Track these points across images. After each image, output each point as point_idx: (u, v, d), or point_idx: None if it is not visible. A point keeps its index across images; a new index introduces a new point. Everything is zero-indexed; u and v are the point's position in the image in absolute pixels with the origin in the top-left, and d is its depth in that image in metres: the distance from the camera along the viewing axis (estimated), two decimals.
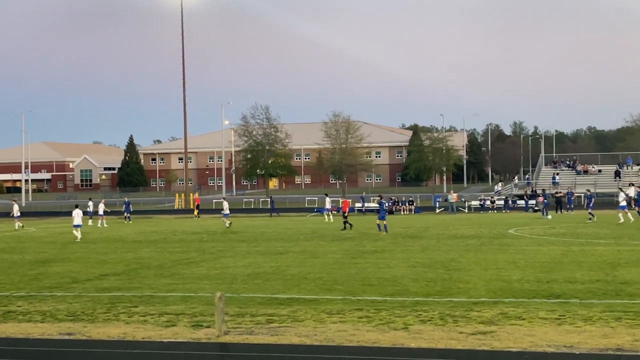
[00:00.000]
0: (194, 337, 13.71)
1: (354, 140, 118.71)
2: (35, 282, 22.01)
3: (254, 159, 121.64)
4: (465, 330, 13.68)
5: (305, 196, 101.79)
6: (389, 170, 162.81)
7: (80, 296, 18.98)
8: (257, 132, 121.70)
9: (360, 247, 31.75)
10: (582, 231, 38.76)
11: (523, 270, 22.32)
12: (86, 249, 33.77)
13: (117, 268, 25.51)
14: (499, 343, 12.61)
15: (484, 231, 40.64)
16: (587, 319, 14.46)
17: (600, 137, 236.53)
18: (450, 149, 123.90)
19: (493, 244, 32.22)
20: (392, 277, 21.27)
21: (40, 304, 17.82)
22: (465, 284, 19.60)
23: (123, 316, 15.92)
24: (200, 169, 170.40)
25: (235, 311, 15.98)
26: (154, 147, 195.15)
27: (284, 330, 14.10)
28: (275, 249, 31.61)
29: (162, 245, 35.53)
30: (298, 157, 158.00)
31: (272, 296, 18.26)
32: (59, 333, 14.34)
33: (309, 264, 25.33)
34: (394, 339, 13.08)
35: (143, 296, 18.73)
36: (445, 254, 28.06)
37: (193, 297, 18.42)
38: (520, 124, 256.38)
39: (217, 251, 31.35)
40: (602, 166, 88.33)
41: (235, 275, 22.75)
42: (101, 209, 57.89)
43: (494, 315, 14.98)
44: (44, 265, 26.85)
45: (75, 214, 40.96)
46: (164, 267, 25.42)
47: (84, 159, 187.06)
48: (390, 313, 15.51)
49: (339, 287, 19.67)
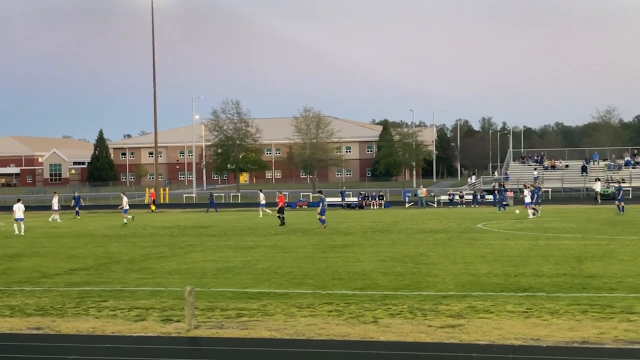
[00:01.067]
0: (164, 331, 13.70)
1: (324, 135, 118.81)
2: (3, 277, 21.84)
3: (225, 154, 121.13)
4: (433, 323, 13.80)
5: (275, 191, 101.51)
6: (359, 165, 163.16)
7: (49, 291, 18.88)
8: (227, 127, 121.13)
9: (331, 242, 31.84)
10: (549, 225, 39.14)
11: (491, 264, 22.53)
12: (55, 244, 33.54)
13: (86, 262, 25.38)
14: (467, 336, 12.74)
15: (452, 225, 40.92)
16: (553, 312, 14.65)
17: (567, 133, 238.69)
18: (419, 144, 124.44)
19: (461, 238, 32.46)
20: (362, 271, 21.38)
21: (9, 299, 17.69)
22: (434, 278, 19.76)
23: (92, 311, 15.86)
24: (170, 163, 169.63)
25: (205, 305, 15.99)
26: (124, 142, 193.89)
27: (254, 324, 14.14)
28: (245, 244, 31.61)
29: (132, 239, 35.38)
30: (269, 152, 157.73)
31: (242, 290, 18.28)
32: (28, 328, 14.26)
33: (279, 259, 25.37)
34: (363, 333, 13.18)
35: (112, 291, 18.67)
36: (415, 248, 28.23)
37: (163, 291, 18.39)
38: (489, 119, 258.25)
39: (187, 245, 31.28)
40: (569, 161, 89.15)
41: (205, 269, 22.73)
42: (55, 204, 57.00)
43: (462, 309, 15.13)
44: (12, 260, 26.63)
45: (17, 207, 41.24)
46: (134, 262, 25.34)
47: (53, 153, 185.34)
48: (359, 307, 15.61)
49: (309, 281, 19.74)
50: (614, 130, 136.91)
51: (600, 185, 71.32)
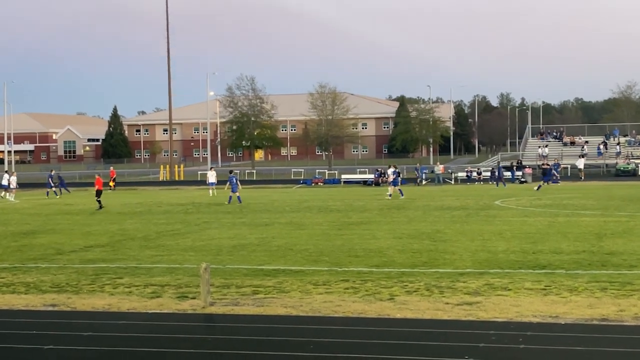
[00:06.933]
0: (179, 308, 13.65)
1: (340, 112, 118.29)
2: (18, 254, 21.87)
3: (240, 131, 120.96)
4: (451, 300, 13.68)
5: (291, 168, 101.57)
6: (375, 141, 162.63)
7: (64, 268, 18.87)
8: (242, 103, 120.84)
9: (346, 219, 31.72)
10: (569, 202, 38.86)
11: (509, 241, 22.35)
12: (70, 221, 33.60)
13: (101, 239, 25.38)
14: (484, 313, 12.62)
15: (470, 202, 40.69)
16: (572, 289, 14.50)
17: (587, 109, 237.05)
18: (437, 121, 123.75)
19: (479, 215, 32.26)
20: (378, 249, 21.26)
21: (24, 276, 17.70)
22: (451, 255, 19.61)
23: (108, 287, 15.84)
24: (185, 140, 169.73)
25: (220, 282, 15.92)
26: (139, 118, 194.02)
27: (270, 301, 14.06)
28: (260, 221, 31.53)
29: (147, 216, 35.37)
30: (284, 129, 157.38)
31: (257, 267, 18.20)
32: (43, 304, 14.25)
33: (295, 236, 25.27)
34: (380, 310, 13.07)
35: (128, 267, 18.64)
36: (431, 225, 28.06)
37: (178, 268, 18.34)
38: (507, 95, 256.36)
39: (202, 223, 31.23)
40: (589, 137, 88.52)
41: (220, 246, 22.67)
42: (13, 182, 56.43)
43: (480, 286, 14.99)
44: (27, 237, 26.67)
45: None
46: (149, 239, 25.31)
47: (67, 130, 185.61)
48: (376, 284, 15.50)
49: (325, 258, 19.64)
50: (634, 105, 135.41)
51: (583, 162, 71.98)
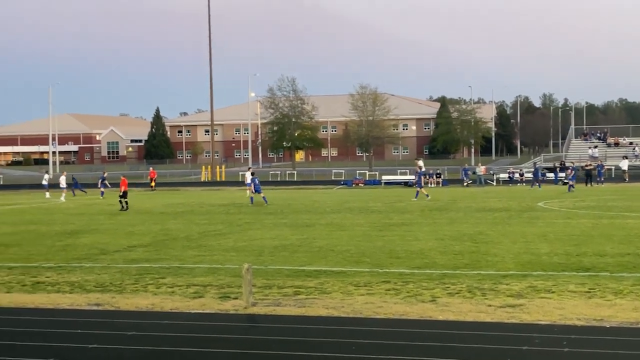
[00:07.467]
0: (222, 308, 13.71)
1: (381, 113, 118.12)
2: (63, 253, 22.14)
3: (280, 131, 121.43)
4: (493, 303, 13.57)
5: (331, 169, 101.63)
6: (416, 142, 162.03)
7: (108, 267, 19.07)
8: (283, 104, 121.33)
9: (387, 220, 31.65)
10: (613, 204, 38.36)
11: (552, 243, 22.11)
12: (113, 221, 33.96)
13: (144, 239, 25.62)
14: (528, 316, 12.50)
15: (512, 204, 40.36)
16: (617, 292, 14.30)
17: (631, 109, 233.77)
18: (478, 121, 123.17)
19: (522, 217, 31.97)
20: (420, 250, 21.17)
21: (69, 275, 17.91)
22: (493, 257, 19.47)
23: (151, 287, 15.97)
24: (226, 141, 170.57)
25: (262, 283, 15.98)
26: (180, 119, 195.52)
27: (312, 302, 14.07)
28: (302, 222, 31.58)
29: (189, 217, 35.63)
30: (324, 130, 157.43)
31: (299, 268, 18.23)
32: (88, 304, 14.41)
33: (336, 237, 25.27)
34: (421, 311, 13.02)
35: (170, 267, 18.79)
36: (473, 226, 27.88)
37: (220, 268, 18.43)
38: (550, 95, 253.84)
39: (244, 223, 31.37)
40: (634, 138, 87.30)
41: (262, 247, 22.75)
42: (62, 182, 57.05)
43: (523, 289, 14.86)
44: (72, 237, 27.00)
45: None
46: (191, 239, 25.49)
47: (110, 131, 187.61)
48: (417, 285, 15.44)
49: (366, 259, 19.61)
50: None
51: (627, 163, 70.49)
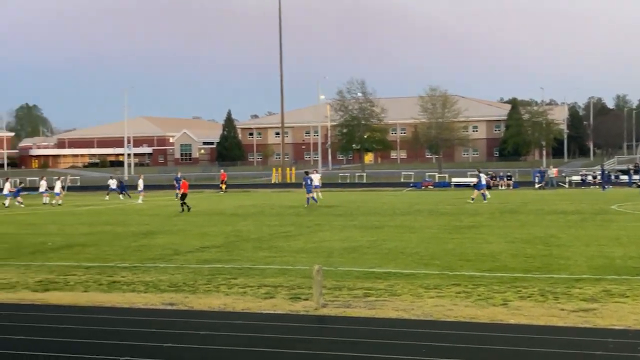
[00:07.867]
0: (292, 309, 13.85)
1: (450, 115, 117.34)
2: (138, 254, 22.62)
3: (350, 134, 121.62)
4: (566, 307, 13.41)
5: (401, 171, 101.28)
6: (486, 144, 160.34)
7: (181, 267, 19.41)
8: (352, 107, 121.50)
9: (457, 222, 31.46)
10: None
11: (626, 246, 21.72)
12: (186, 222, 34.50)
13: (216, 240, 25.98)
14: (602, 320, 12.33)
15: (585, 207, 39.71)
16: None
17: None
18: (550, 123, 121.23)
19: (595, 220, 31.44)
20: (490, 253, 21.02)
21: (144, 275, 18.30)
22: (566, 261, 19.21)
23: (223, 287, 16.21)
24: (296, 143, 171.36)
25: (332, 284, 16.07)
26: (251, 122, 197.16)
27: (382, 304, 14.11)
28: (371, 223, 31.61)
29: (260, 218, 35.98)
30: (394, 132, 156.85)
31: (369, 270, 18.27)
32: (162, 303, 14.70)
33: (406, 239, 25.25)
34: (492, 315, 12.94)
35: (242, 268, 19.02)
36: (545, 229, 27.53)
37: (291, 269, 18.60)
38: (624, 97, 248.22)
39: (313, 225, 31.54)
40: None
41: (332, 248, 22.87)
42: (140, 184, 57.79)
43: (597, 293, 14.64)
44: (146, 237, 27.55)
45: None
46: (262, 240, 25.75)
47: (183, 133, 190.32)
48: (488, 289, 15.34)
49: (436, 262, 19.55)
50: None
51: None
